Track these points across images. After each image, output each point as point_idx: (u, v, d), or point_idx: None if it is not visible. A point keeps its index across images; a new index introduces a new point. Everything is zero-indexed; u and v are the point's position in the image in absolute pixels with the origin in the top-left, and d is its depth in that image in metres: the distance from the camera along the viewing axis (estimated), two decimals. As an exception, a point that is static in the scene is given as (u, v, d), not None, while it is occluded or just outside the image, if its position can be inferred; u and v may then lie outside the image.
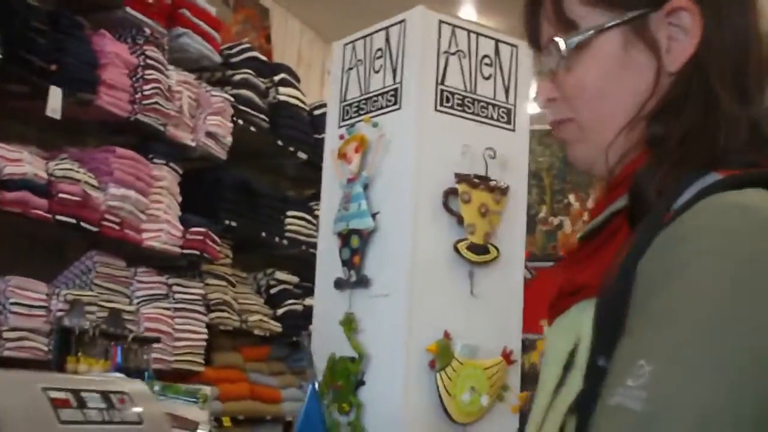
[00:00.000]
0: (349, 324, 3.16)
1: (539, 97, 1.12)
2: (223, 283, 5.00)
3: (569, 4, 1.05)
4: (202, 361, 4.64)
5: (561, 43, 1.04)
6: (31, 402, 0.93)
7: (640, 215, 0.96)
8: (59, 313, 3.70)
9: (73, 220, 3.86)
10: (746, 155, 0.98)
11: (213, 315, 4.78)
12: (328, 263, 3.38)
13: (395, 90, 3.21)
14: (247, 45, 5.32)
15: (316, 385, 2.65)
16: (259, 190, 5.24)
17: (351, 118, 3.39)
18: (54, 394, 0.96)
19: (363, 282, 3.17)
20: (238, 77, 5.08)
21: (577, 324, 0.99)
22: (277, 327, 5.29)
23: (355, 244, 3.21)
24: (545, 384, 1.04)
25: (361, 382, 3.10)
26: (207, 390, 1.87)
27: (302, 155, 5.51)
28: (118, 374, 2.06)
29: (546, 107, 1.12)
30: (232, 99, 4.92)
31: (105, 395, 1.02)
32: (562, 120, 1.11)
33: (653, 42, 1.02)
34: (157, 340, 3.80)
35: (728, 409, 0.78)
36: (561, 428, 0.96)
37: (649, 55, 1.03)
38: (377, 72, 3.31)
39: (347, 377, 3.12)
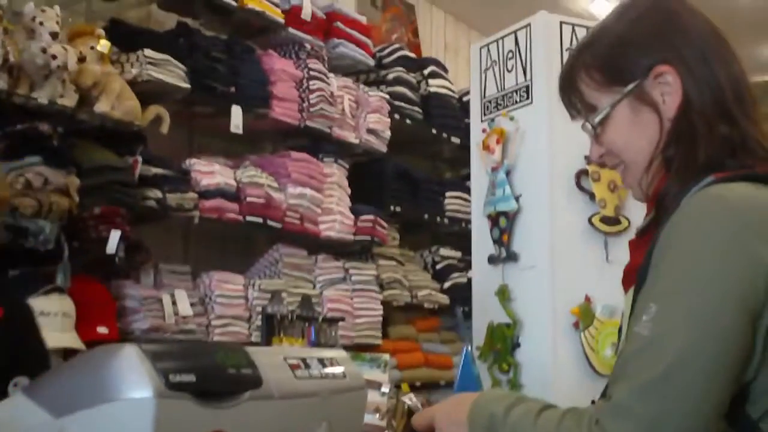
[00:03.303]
0: (503, 294, 3.65)
1: (592, 156, 1.59)
2: (393, 263, 5.53)
3: (587, 93, 1.54)
4: (380, 335, 5.19)
5: (589, 122, 1.53)
6: (278, 366, 1.48)
7: (664, 219, 1.42)
8: (256, 301, 4.34)
9: (260, 220, 4.46)
10: (740, 161, 1.42)
11: (386, 292, 5.31)
12: (481, 242, 3.86)
13: (527, 87, 3.66)
14: (397, 45, 5.82)
15: (470, 349, 3.11)
16: (419, 176, 5.74)
17: (491, 112, 3.85)
18: (290, 361, 1.50)
19: (512, 257, 3.64)
20: (391, 76, 5.59)
21: (629, 299, 1.47)
22: (444, 299, 5.79)
23: (503, 224, 3.69)
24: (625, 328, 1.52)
25: (517, 344, 3.58)
26: (386, 357, 2.39)
27: (455, 140, 5.97)
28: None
29: (600, 161, 1.59)
30: (387, 96, 5.44)
31: (320, 360, 1.56)
32: (615, 165, 1.58)
33: (652, 101, 1.48)
34: (342, 319, 4.37)
35: (698, 342, 1.26)
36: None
37: (651, 110, 1.49)
38: (510, 71, 3.76)
39: (504, 341, 3.60)
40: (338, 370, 1.57)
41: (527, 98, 3.64)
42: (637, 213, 3.71)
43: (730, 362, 1.25)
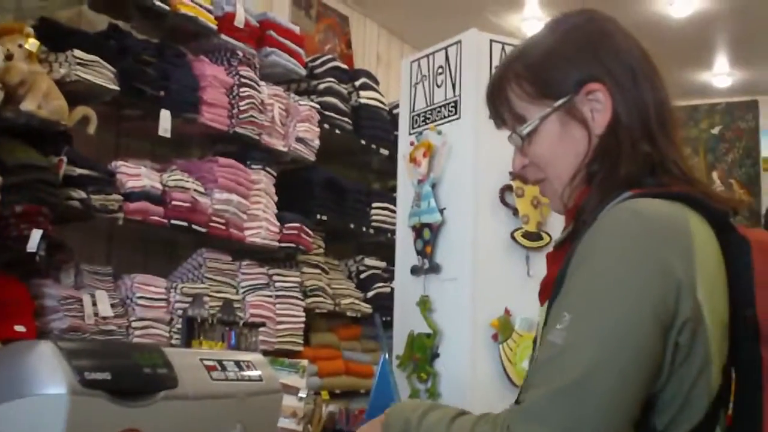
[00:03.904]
0: (424, 305, 3.69)
1: (515, 167, 1.59)
2: (318, 271, 5.56)
3: (517, 104, 1.53)
4: (302, 342, 5.20)
5: (517, 133, 1.53)
6: (194, 367, 1.50)
7: (581, 232, 1.46)
8: (178, 305, 4.33)
9: (185, 224, 4.45)
10: (657, 179, 1.47)
11: (309, 300, 5.33)
12: (405, 253, 3.89)
13: (455, 102, 3.71)
14: (329, 56, 5.88)
15: (387, 357, 3.13)
16: (346, 185, 5.77)
17: (419, 126, 3.90)
18: (207, 362, 1.51)
19: (434, 268, 3.69)
20: (322, 86, 5.64)
21: (544, 311, 1.50)
22: (367, 308, 5.83)
23: (426, 236, 3.73)
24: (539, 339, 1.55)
25: (436, 355, 3.62)
26: (305, 362, 2.42)
27: (384, 151, 6.03)
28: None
29: (522, 172, 1.60)
30: (318, 106, 5.48)
31: (237, 362, 1.58)
32: (537, 180, 1.59)
33: (581, 117, 1.50)
34: (263, 324, 4.38)
35: (612, 351, 1.29)
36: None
37: (581, 126, 1.50)
38: (439, 86, 3.81)
39: (424, 351, 3.64)
40: (254, 373, 1.60)
41: (455, 113, 3.70)
42: (559, 229, 3.74)
43: (642, 372, 1.29)
